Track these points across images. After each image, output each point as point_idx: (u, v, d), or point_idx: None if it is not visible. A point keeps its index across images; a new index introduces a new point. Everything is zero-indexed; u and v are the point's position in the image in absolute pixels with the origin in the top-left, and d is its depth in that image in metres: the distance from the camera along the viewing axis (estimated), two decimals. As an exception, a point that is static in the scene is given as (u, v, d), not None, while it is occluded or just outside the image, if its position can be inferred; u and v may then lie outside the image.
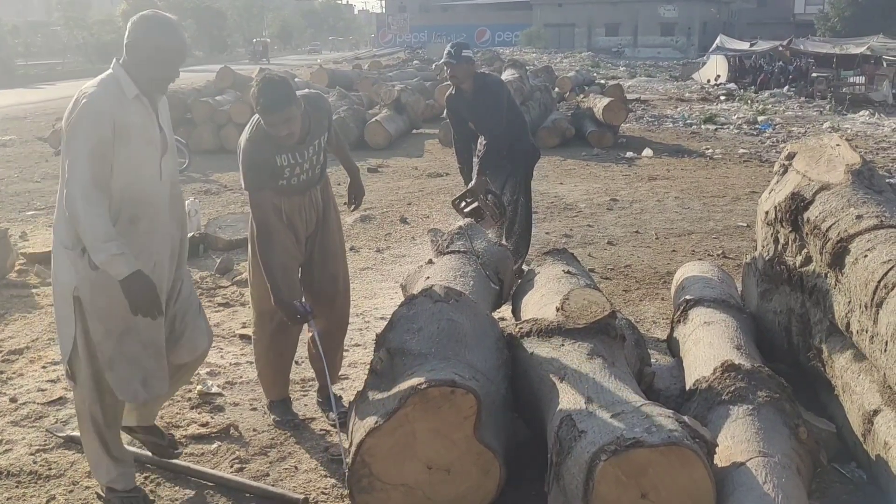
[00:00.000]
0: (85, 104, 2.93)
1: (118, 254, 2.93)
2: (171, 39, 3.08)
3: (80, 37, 57.14)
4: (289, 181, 3.94)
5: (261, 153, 3.82)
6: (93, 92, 2.97)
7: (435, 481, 3.11)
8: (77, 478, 3.67)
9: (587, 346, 3.49)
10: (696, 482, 2.66)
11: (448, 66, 5.91)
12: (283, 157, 3.86)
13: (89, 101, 2.94)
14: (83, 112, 2.92)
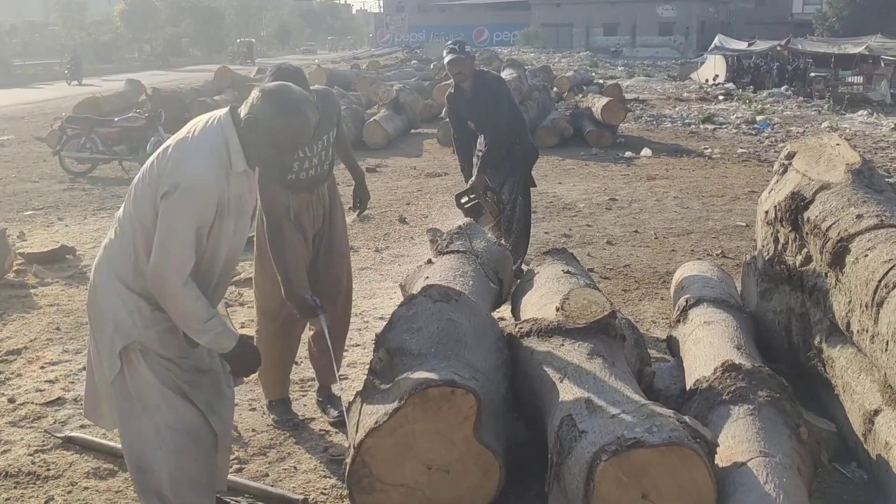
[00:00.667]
0: (194, 181, 2.58)
1: (222, 331, 2.76)
2: (297, 126, 2.71)
3: (78, 37, 57.07)
4: (297, 176, 3.97)
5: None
6: (202, 166, 2.60)
7: (435, 481, 3.10)
8: (76, 478, 3.65)
9: (587, 345, 3.48)
10: (696, 482, 2.66)
11: (456, 63, 5.88)
12: None
13: (199, 178, 2.59)
14: (190, 191, 2.57)
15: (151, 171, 2.68)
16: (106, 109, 16.21)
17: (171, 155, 2.66)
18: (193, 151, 2.64)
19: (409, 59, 36.78)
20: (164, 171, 2.62)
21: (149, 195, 2.64)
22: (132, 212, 2.71)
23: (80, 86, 31.68)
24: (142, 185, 2.69)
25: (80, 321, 5.70)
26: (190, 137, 2.69)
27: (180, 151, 2.66)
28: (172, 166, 2.61)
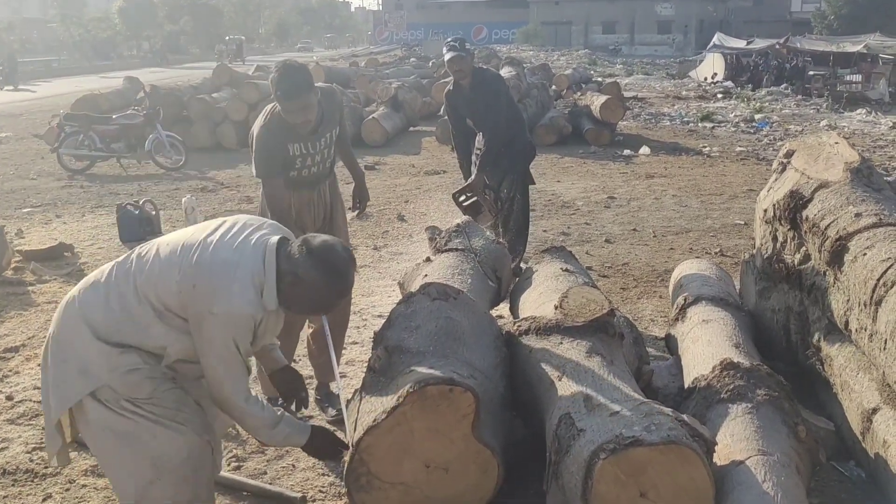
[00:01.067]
0: (234, 313, 2.57)
1: (290, 431, 2.84)
2: (339, 291, 2.76)
3: (77, 34, 57.04)
4: (300, 172, 4.02)
5: (274, 140, 3.90)
6: (243, 299, 2.58)
7: (433, 480, 3.10)
8: (73, 476, 3.65)
9: (586, 344, 3.48)
10: (695, 481, 2.65)
11: (456, 60, 5.88)
12: (296, 147, 3.95)
13: (239, 311, 2.57)
14: (230, 320, 2.58)
15: (182, 259, 2.61)
16: (104, 107, 16.16)
17: (209, 262, 2.59)
18: (235, 279, 2.58)
19: (407, 57, 36.77)
20: (199, 281, 2.57)
21: (172, 287, 2.59)
22: (139, 279, 2.64)
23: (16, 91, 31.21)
24: (166, 265, 2.62)
25: (78, 319, 5.70)
26: (232, 252, 2.62)
27: (221, 268, 2.59)
28: (210, 286, 2.56)
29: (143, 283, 2.63)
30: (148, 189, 10.65)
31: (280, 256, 2.66)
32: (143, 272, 2.64)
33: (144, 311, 2.62)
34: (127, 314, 2.62)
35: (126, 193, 10.20)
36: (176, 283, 2.57)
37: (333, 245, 2.70)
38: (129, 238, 7.76)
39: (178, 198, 9.18)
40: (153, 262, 2.65)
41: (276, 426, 2.78)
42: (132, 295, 2.63)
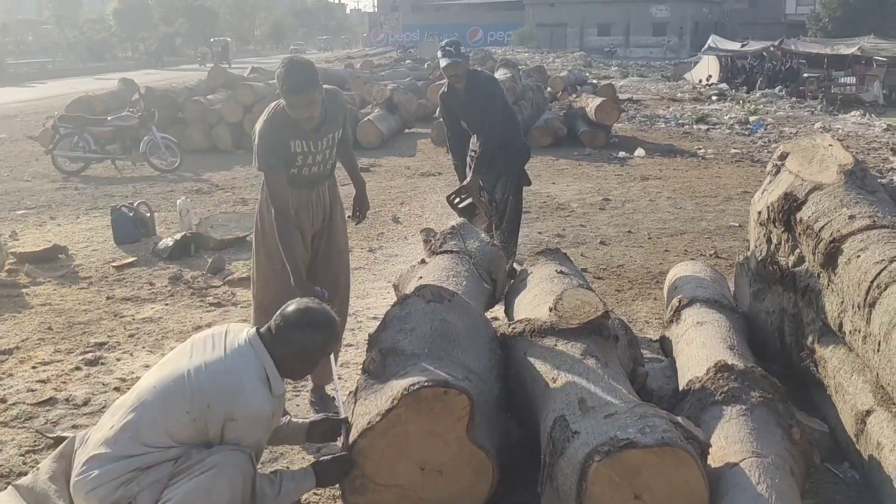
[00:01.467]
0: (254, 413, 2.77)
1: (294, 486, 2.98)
2: (329, 339, 3.02)
3: (72, 35, 56.95)
4: (300, 170, 4.02)
5: (277, 136, 3.91)
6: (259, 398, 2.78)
7: (428, 482, 3.10)
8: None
9: (580, 346, 3.48)
10: (689, 483, 2.66)
11: (452, 66, 5.88)
12: (298, 144, 3.95)
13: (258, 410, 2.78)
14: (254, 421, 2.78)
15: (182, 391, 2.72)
16: (99, 108, 16.14)
17: (212, 380, 2.73)
18: (244, 383, 2.75)
19: (403, 59, 36.76)
20: (212, 400, 2.71)
21: (184, 420, 2.72)
22: (133, 436, 2.72)
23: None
24: (166, 406, 2.73)
25: (71, 321, 5.69)
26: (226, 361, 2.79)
27: (226, 379, 2.74)
28: (225, 399, 2.72)
29: (144, 432, 2.72)
30: (143, 191, 10.64)
31: (266, 342, 2.87)
32: (135, 427, 2.72)
33: (152, 455, 2.72)
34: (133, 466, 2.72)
35: (121, 195, 10.18)
36: (187, 413, 2.69)
37: (307, 306, 2.93)
38: (123, 240, 7.76)
39: (173, 200, 9.18)
40: (142, 415, 2.73)
41: (281, 491, 2.92)
42: (132, 447, 2.72)
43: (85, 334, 5.44)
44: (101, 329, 5.54)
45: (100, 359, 5.01)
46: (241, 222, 8.19)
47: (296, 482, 2.99)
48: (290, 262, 3.88)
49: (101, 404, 4.39)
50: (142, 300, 6.17)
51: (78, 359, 5.01)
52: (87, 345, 5.24)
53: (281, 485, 2.94)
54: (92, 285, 6.55)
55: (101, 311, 5.92)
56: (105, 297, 6.21)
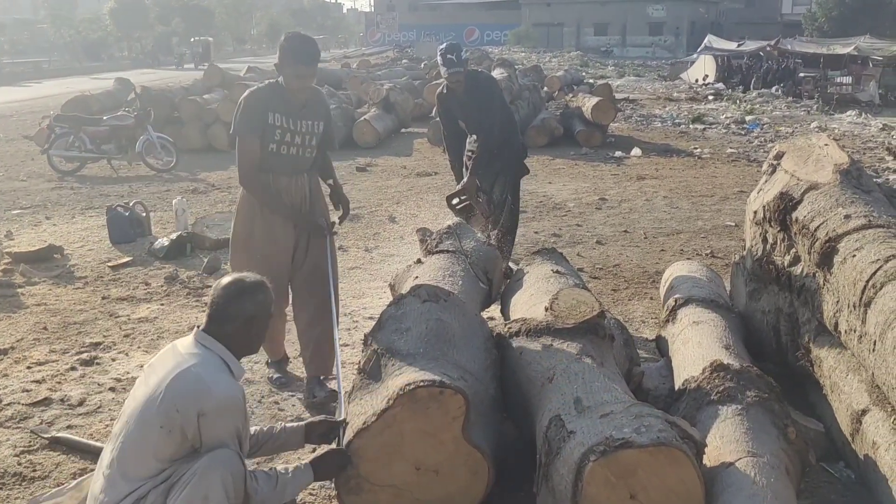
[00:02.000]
0: (223, 400, 2.74)
1: (291, 479, 2.97)
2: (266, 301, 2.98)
3: (67, 35, 56.87)
4: (278, 146, 4.21)
5: (258, 103, 4.17)
6: (224, 385, 2.77)
7: (423, 482, 3.10)
8: (62, 479, 3.63)
9: (576, 346, 3.48)
10: (684, 483, 2.66)
11: (455, 75, 5.87)
12: (277, 117, 4.17)
13: (227, 395, 2.76)
14: (226, 409, 2.75)
15: (151, 410, 2.70)
16: (95, 108, 16.13)
17: (173, 387, 2.71)
18: (202, 377, 2.74)
19: (399, 58, 36.64)
20: (178, 403, 2.69)
21: (158, 434, 2.69)
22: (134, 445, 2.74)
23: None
24: (142, 430, 2.72)
25: (67, 321, 5.68)
26: (180, 364, 2.76)
27: (185, 379, 2.72)
28: (189, 398, 2.69)
29: (132, 468, 2.72)
30: (139, 191, 10.62)
31: (212, 333, 2.87)
32: (122, 467, 2.73)
33: (146, 485, 2.72)
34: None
35: (116, 195, 10.16)
36: (161, 428, 2.68)
37: (231, 278, 2.94)
38: (119, 240, 7.74)
39: (169, 199, 9.17)
40: (125, 451, 2.73)
41: (277, 485, 2.92)
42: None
43: (80, 334, 5.43)
44: (97, 329, 5.53)
45: (95, 359, 5.00)
46: (237, 222, 8.16)
47: (294, 477, 2.99)
48: (280, 207, 4.25)
49: (96, 405, 4.38)
50: (137, 300, 6.16)
51: (73, 359, 5.00)
52: (83, 345, 5.23)
53: (278, 480, 2.93)
54: (87, 285, 6.54)
55: (96, 310, 5.90)
56: (100, 297, 6.20)
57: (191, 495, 2.65)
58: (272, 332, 4.41)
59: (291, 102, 4.21)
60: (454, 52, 5.90)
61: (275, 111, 4.16)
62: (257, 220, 4.33)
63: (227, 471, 2.71)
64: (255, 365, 4.89)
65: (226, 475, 2.69)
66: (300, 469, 3.02)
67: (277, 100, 4.18)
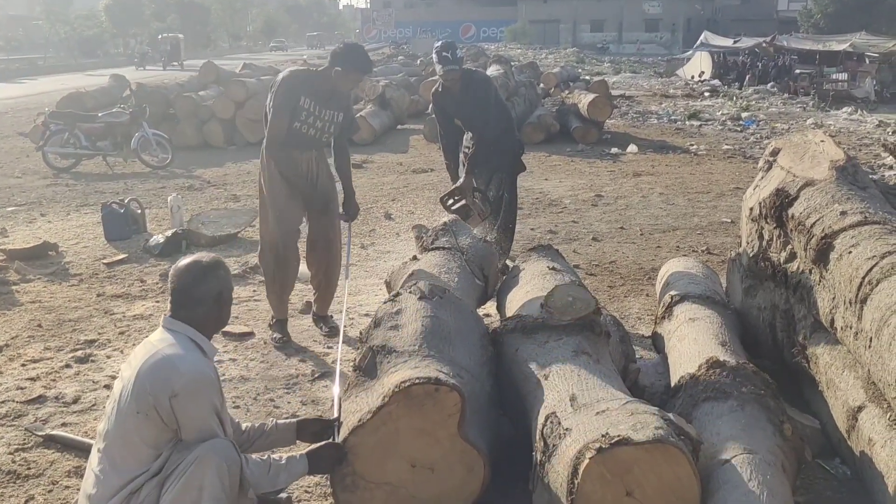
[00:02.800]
0: (200, 376, 2.75)
1: (284, 466, 2.97)
2: (228, 275, 3.02)
3: (63, 31, 56.74)
4: (301, 126, 4.84)
5: (295, 86, 4.78)
6: (193, 363, 2.76)
7: (419, 480, 3.09)
8: (57, 477, 3.62)
9: (572, 342, 3.47)
10: (681, 480, 2.65)
11: (451, 73, 5.87)
12: (307, 101, 4.80)
13: (193, 370, 2.73)
14: (198, 387, 2.72)
15: (128, 399, 2.70)
16: (90, 105, 16.08)
17: (145, 372, 2.71)
18: (173, 359, 2.73)
19: (395, 55, 36.64)
20: (150, 387, 2.68)
21: (138, 420, 2.69)
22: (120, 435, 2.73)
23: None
24: (124, 418, 2.71)
25: (62, 318, 5.66)
26: (151, 350, 2.77)
27: (157, 364, 2.72)
28: (161, 380, 2.68)
29: (120, 459, 2.73)
30: (134, 187, 10.59)
31: (180, 317, 2.86)
32: (110, 457, 2.73)
33: (139, 478, 2.72)
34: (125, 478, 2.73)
35: (112, 192, 10.14)
36: (138, 413, 2.68)
37: (190, 260, 2.94)
38: (114, 237, 7.72)
39: (165, 196, 9.14)
40: (112, 442, 2.74)
41: (270, 473, 2.91)
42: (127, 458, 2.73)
43: (75, 331, 5.41)
44: (92, 326, 5.51)
45: (90, 356, 4.99)
46: (233, 219, 8.15)
47: (287, 466, 2.97)
48: (295, 175, 4.92)
49: (91, 402, 4.36)
50: (133, 297, 6.14)
51: (68, 356, 4.98)
52: (78, 342, 5.22)
53: (270, 466, 2.92)
54: (82, 282, 6.52)
55: (91, 308, 5.89)
56: (95, 295, 6.18)
57: (186, 486, 2.64)
58: (282, 289, 5.22)
59: (321, 91, 4.84)
60: (450, 51, 5.88)
61: (306, 95, 4.79)
62: (276, 183, 4.94)
63: (222, 460, 2.70)
64: (251, 362, 4.89)
65: (221, 464, 2.69)
66: (295, 458, 3.00)
67: (310, 86, 4.81)
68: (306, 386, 4.57)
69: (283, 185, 4.95)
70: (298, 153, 4.93)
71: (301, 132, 4.85)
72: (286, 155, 4.89)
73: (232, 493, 2.75)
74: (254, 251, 7.26)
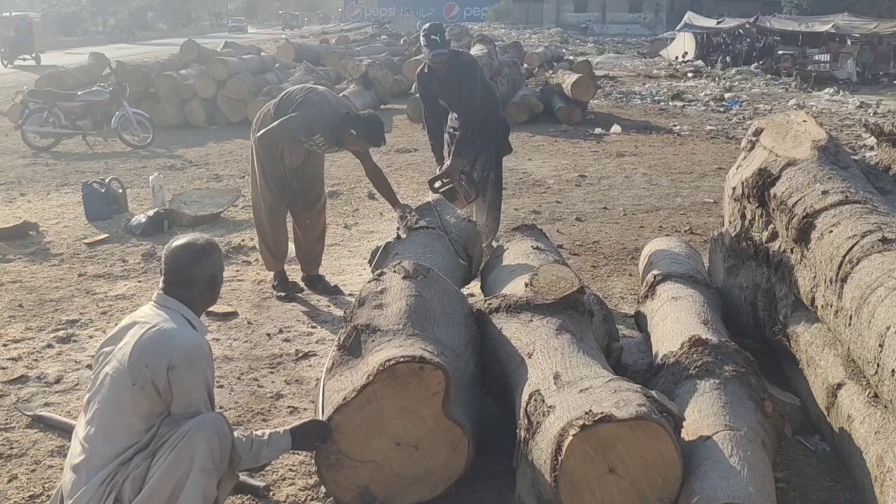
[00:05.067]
0: (197, 349, 2.76)
1: (267, 440, 2.95)
2: (221, 257, 3.02)
3: (41, 9, 55.92)
4: (304, 143, 5.26)
5: (320, 120, 5.15)
6: (188, 336, 2.76)
7: (403, 458, 3.10)
8: (40, 457, 3.60)
9: (556, 321, 3.49)
10: (663, 456, 2.67)
11: (439, 56, 5.83)
12: (321, 138, 5.22)
13: (190, 343, 2.74)
14: (192, 360, 2.73)
15: (123, 371, 2.69)
16: (69, 83, 15.91)
17: (140, 345, 2.70)
18: (167, 333, 2.73)
19: (378, 34, 36.39)
20: (146, 359, 2.68)
21: (133, 393, 2.68)
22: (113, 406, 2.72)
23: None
24: (118, 394, 2.70)
25: (43, 298, 5.62)
26: (151, 326, 2.75)
27: (151, 337, 2.72)
28: (157, 353, 2.69)
29: (110, 430, 2.71)
30: (114, 167, 10.49)
31: (173, 294, 2.86)
32: (101, 429, 2.72)
33: (129, 451, 2.71)
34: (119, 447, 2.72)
35: (92, 171, 10.04)
36: (133, 385, 2.67)
37: (185, 242, 2.91)
38: (95, 216, 7.66)
39: (146, 176, 9.06)
40: (104, 411, 2.72)
41: (252, 448, 2.89)
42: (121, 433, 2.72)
43: (57, 311, 5.37)
44: (73, 306, 5.48)
45: (72, 336, 4.96)
46: (215, 199, 8.09)
47: (270, 442, 2.96)
48: (275, 171, 5.36)
49: (73, 382, 4.34)
50: (114, 277, 6.10)
51: (50, 336, 4.95)
52: (59, 322, 5.18)
53: (252, 444, 2.91)
54: (63, 262, 6.47)
55: (72, 288, 5.85)
56: (77, 274, 6.14)
57: (177, 457, 2.64)
58: (276, 247, 5.58)
59: (336, 135, 5.19)
60: (438, 34, 5.84)
61: (323, 133, 5.17)
62: (266, 163, 5.32)
63: (214, 432, 2.70)
64: (235, 342, 4.88)
65: (212, 437, 2.69)
66: (278, 434, 2.99)
67: (329, 125, 5.13)
68: (290, 365, 4.56)
69: (273, 167, 5.34)
70: (287, 144, 5.27)
71: (303, 147, 5.29)
72: (273, 151, 5.31)
73: (222, 466, 2.75)
74: (237, 231, 7.26)
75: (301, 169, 5.44)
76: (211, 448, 2.68)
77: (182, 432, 2.66)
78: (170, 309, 2.83)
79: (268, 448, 2.95)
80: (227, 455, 2.76)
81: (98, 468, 2.68)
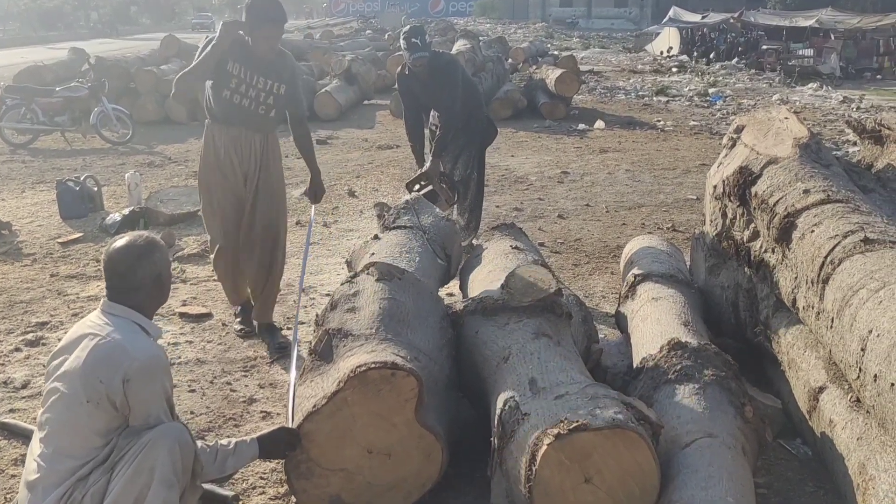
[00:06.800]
0: (153, 360, 2.64)
1: (232, 450, 2.87)
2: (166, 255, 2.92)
3: (22, 3, 55.44)
4: (231, 95, 4.38)
5: (224, 45, 4.30)
6: (136, 346, 2.62)
7: (375, 466, 3.02)
8: (2, 466, 3.50)
9: (532, 324, 3.41)
10: (640, 465, 2.61)
11: (420, 59, 5.75)
12: (236, 66, 4.35)
13: (144, 354, 2.61)
14: (148, 371, 2.61)
15: (75, 385, 2.58)
16: (48, 78, 15.70)
17: (91, 358, 2.58)
18: (119, 343, 2.61)
19: (363, 29, 36.24)
20: (99, 374, 2.56)
21: (89, 409, 2.57)
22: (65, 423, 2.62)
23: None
24: (73, 408, 2.59)
25: (12, 299, 5.50)
26: (102, 337, 2.63)
27: (103, 349, 2.60)
28: (110, 366, 2.56)
29: (67, 444, 2.61)
30: (93, 164, 10.36)
31: (119, 300, 2.74)
32: (55, 444, 2.62)
33: (87, 465, 2.61)
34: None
35: (70, 168, 9.90)
36: (88, 402, 2.56)
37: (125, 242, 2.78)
38: (69, 215, 7.54)
39: (124, 173, 8.92)
40: (56, 429, 2.62)
41: (217, 458, 2.81)
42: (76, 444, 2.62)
43: (26, 313, 5.26)
44: (44, 308, 5.36)
45: (41, 339, 4.84)
46: (193, 196, 7.95)
47: (236, 451, 2.86)
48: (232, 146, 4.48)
49: (40, 387, 4.21)
50: (87, 277, 5.99)
51: (18, 339, 4.83)
52: (29, 324, 5.07)
53: (217, 454, 2.81)
54: (36, 262, 6.35)
55: (44, 289, 5.73)
56: (49, 275, 6.02)
57: (137, 469, 2.54)
58: (232, 280, 4.83)
59: (253, 57, 4.37)
60: (418, 36, 5.77)
61: (235, 61, 4.35)
62: (214, 174, 4.55)
63: (175, 442, 2.60)
64: (208, 344, 4.78)
65: (173, 447, 2.59)
66: (245, 443, 2.90)
67: (240, 50, 4.35)
68: (264, 369, 4.47)
69: (220, 180, 4.54)
70: (236, 130, 4.45)
71: (233, 103, 4.38)
72: (225, 130, 4.46)
73: (185, 477, 2.65)
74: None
75: (259, 168, 4.61)
76: (172, 459, 2.58)
77: (142, 444, 2.56)
78: (118, 317, 2.71)
79: (233, 457, 2.86)
80: (190, 465, 2.66)
81: (55, 485, 2.58)
